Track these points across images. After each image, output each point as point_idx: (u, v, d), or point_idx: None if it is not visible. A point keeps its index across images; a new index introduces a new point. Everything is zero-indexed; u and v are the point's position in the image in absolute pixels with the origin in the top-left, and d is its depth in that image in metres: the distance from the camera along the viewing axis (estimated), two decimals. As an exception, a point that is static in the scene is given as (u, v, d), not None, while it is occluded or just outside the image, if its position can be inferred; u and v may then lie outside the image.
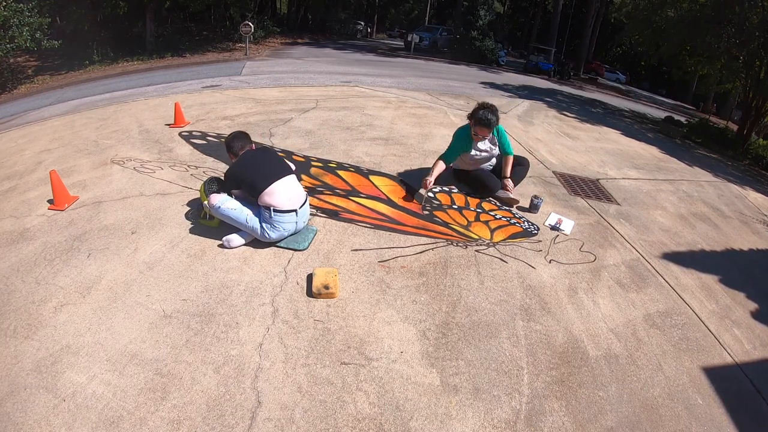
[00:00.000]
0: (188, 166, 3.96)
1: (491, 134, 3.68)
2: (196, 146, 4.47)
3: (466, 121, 3.78)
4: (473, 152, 3.71)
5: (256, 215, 2.73)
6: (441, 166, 3.66)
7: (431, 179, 3.56)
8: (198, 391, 1.86)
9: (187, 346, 2.07)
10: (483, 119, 3.51)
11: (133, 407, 1.78)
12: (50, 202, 3.25)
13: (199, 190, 3.03)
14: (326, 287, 2.43)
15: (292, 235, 2.85)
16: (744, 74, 10.12)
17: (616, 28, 26.81)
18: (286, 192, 2.72)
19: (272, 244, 2.82)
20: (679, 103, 26.66)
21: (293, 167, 2.96)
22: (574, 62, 24.83)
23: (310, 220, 3.06)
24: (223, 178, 2.92)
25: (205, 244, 2.82)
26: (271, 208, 2.65)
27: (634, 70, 34.08)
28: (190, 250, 2.75)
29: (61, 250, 2.72)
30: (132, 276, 2.50)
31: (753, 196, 5.88)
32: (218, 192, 2.90)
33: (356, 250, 2.90)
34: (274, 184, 2.68)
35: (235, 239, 2.78)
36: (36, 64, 14.75)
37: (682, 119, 12.85)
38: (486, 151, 3.74)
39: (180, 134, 4.81)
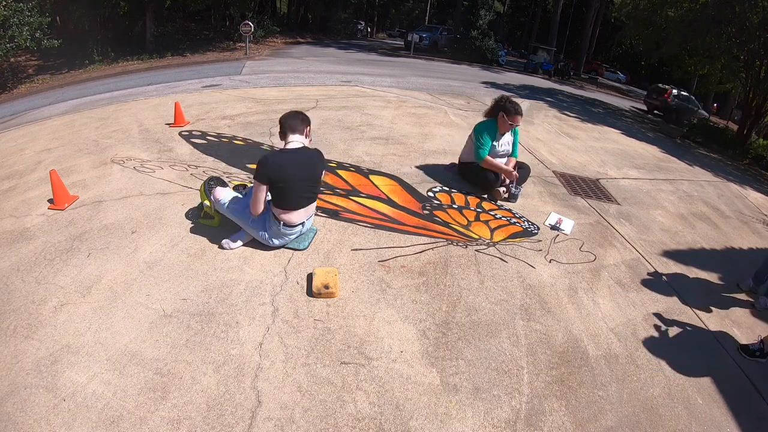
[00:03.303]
0: (188, 165, 3.96)
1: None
2: (196, 146, 4.47)
3: (468, 120, 3.81)
4: (496, 145, 3.85)
5: (260, 220, 2.70)
6: (493, 160, 3.82)
7: (509, 168, 3.80)
8: (198, 391, 1.86)
9: (187, 346, 2.07)
10: (518, 109, 3.76)
11: (133, 407, 1.78)
12: (50, 201, 3.25)
13: (200, 190, 3.03)
14: (326, 287, 2.43)
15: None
16: (744, 74, 10.11)
17: (616, 28, 26.76)
18: (303, 212, 2.69)
19: (302, 249, 2.82)
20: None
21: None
22: (574, 62, 24.81)
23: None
24: (257, 163, 2.48)
25: (205, 244, 2.82)
26: (282, 222, 2.64)
27: (634, 70, 34.05)
28: (190, 250, 2.75)
29: (61, 249, 2.72)
30: (132, 275, 2.50)
31: (753, 195, 5.88)
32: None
33: (356, 249, 2.90)
34: (299, 210, 2.64)
35: (234, 242, 2.78)
36: (37, 63, 14.76)
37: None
38: (506, 143, 3.90)
39: (180, 134, 4.81)
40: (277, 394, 1.88)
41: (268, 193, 2.58)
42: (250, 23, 14.73)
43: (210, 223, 2.97)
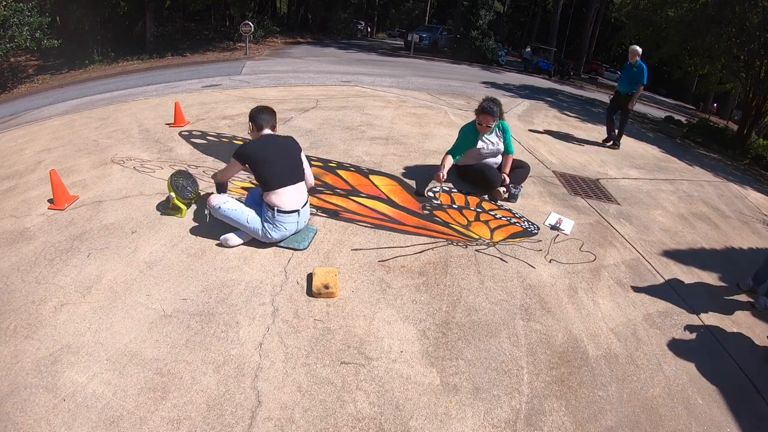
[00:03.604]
0: (188, 165, 3.96)
1: (495, 127, 3.84)
2: (196, 146, 4.47)
3: (468, 121, 3.85)
4: (480, 145, 3.83)
5: (257, 215, 2.73)
6: (450, 161, 3.76)
7: (444, 173, 3.63)
8: (198, 391, 1.86)
9: (187, 346, 2.07)
10: (485, 108, 3.74)
11: (133, 407, 1.78)
12: (50, 201, 3.25)
13: (167, 182, 3.08)
14: (326, 287, 2.43)
15: (292, 234, 2.86)
16: (744, 74, 10.11)
17: (616, 28, 26.73)
18: (293, 195, 2.72)
19: (273, 243, 2.82)
20: (679, 102, 26.66)
21: (306, 166, 2.91)
22: (574, 62, 24.80)
23: (310, 219, 3.06)
24: (236, 151, 2.70)
25: (205, 244, 2.82)
26: (275, 208, 2.65)
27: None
28: (190, 250, 2.76)
29: (61, 249, 2.72)
30: (132, 275, 2.51)
31: (753, 195, 5.88)
32: (184, 185, 2.98)
33: (356, 249, 2.90)
34: (286, 187, 2.68)
35: (232, 238, 2.78)
36: (37, 63, 14.76)
37: (683, 119, 12.85)
38: (492, 143, 3.86)
39: (180, 134, 4.81)
40: (277, 394, 1.88)
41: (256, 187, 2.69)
42: (250, 23, 14.72)
43: (176, 215, 3.05)
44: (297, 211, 2.73)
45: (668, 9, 11.12)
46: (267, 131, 2.83)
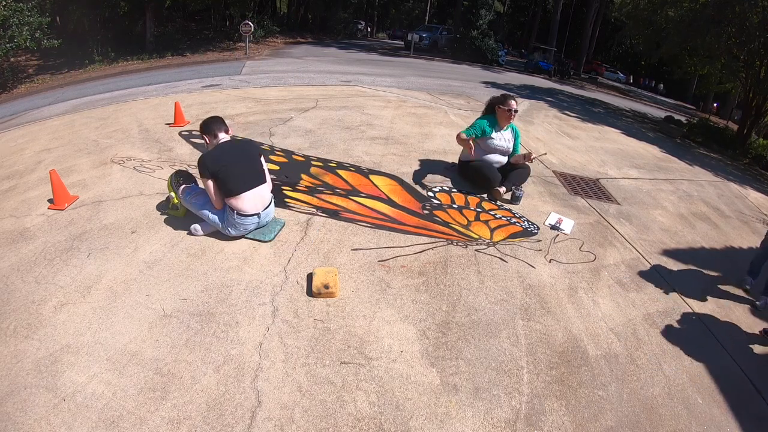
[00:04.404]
0: (188, 165, 3.96)
1: (509, 126, 3.98)
2: (196, 146, 4.47)
3: (468, 120, 3.85)
4: (495, 135, 3.89)
5: (216, 212, 2.77)
6: (465, 136, 3.80)
7: (470, 143, 3.75)
8: (198, 391, 1.86)
9: (187, 346, 2.07)
10: (508, 96, 3.91)
11: (133, 407, 1.78)
12: (50, 201, 3.25)
13: (167, 182, 3.08)
14: (326, 287, 2.43)
15: (256, 228, 2.91)
16: (744, 74, 10.11)
17: (616, 28, 26.78)
18: (254, 199, 2.75)
19: (267, 241, 2.88)
20: (679, 102, 26.67)
21: (265, 168, 2.89)
22: (575, 62, 24.80)
23: (276, 216, 3.07)
24: (197, 164, 2.73)
25: (205, 244, 2.82)
26: (235, 211, 2.71)
27: (634, 70, 34.06)
28: (190, 250, 2.76)
29: (61, 249, 2.72)
30: (132, 275, 2.51)
31: (753, 195, 5.88)
32: (184, 183, 2.99)
33: (356, 249, 2.90)
34: (247, 192, 2.71)
35: (199, 229, 2.87)
36: (37, 63, 14.75)
37: (683, 119, 12.86)
38: (505, 140, 3.94)
39: (180, 134, 4.81)
40: (277, 394, 1.88)
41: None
42: (250, 23, 14.71)
43: (176, 214, 3.06)
44: (257, 214, 2.78)
45: (668, 9, 11.12)
46: (222, 135, 2.81)
